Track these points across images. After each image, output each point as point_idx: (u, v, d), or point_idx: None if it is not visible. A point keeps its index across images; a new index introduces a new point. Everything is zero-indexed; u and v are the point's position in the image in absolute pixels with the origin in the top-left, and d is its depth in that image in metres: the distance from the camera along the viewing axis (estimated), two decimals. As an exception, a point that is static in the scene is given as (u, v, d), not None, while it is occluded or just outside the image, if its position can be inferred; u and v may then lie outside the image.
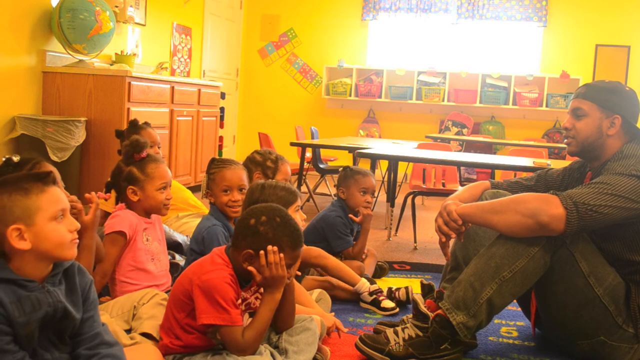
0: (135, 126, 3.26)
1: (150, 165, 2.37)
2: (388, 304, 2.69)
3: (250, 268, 1.79)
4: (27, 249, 1.42)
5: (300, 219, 2.35)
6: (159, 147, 3.34)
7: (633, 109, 2.24)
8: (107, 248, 2.25)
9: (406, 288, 2.80)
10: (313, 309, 2.29)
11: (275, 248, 1.78)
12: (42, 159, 1.83)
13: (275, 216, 1.82)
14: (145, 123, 3.39)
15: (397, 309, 2.69)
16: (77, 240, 1.51)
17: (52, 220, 1.45)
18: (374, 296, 2.71)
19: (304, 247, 2.64)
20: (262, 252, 1.78)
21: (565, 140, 2.31)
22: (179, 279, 1.88)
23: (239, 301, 1.81)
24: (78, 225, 1.51)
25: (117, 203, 2.42)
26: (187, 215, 3.40)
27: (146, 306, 2.02)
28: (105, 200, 2.38)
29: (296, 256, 1.85)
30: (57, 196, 1.48)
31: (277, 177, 2.95)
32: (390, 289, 2.82)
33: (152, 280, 2.31)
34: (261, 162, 3.04)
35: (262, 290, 1.88)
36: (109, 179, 2.42)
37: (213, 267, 1.80)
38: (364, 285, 2.75)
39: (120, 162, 2.41)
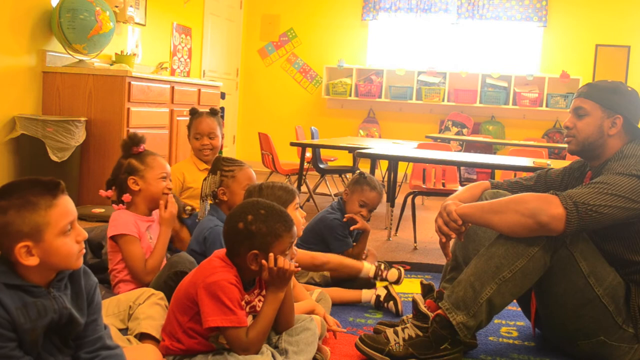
0: (192, 114, 3.42)
1: (149, 157, 2.47)
2: (392, 275, 2.78)
3: (263, 262, 1.80)
4: (35, 264, 1.39)
5: (300, 217, 2.36)
6: (210, 138, 3.35)
7: (635, 109, 2.23)
8: (130, 249, 2.32)
9: (399, 270, 2.82)
10: (310, 302, 2.29)
11: (279, 257, 1.80)
12: None
13: (258, 210, 1.82)
14: (212, 111, 3.44)
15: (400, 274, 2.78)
16: (84, 250, 1.48)
17: (60, 235, 1.40)
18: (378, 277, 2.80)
19: (308, 255, 2.70)
20: (271, 255, 1.79)
21: (566, 139, 2.31)
22: (182, 283, 1.88)
23: (243, 303, 1.81)
24: (85, 235, 1.47)
25: (118, 201, 2.45)
26: None
27: (143, 306, 2.01)
28: (108, 198, 2.43)
29: (293, 234, 1.86)
30: (66, 208, 1.42)
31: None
32: (379, 266, 2.84)
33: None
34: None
35: (265, 292, 1.89)
36: (110, 177, 2.48)
37: (217, 270, 1.80)
38: (369, 270, 2.82)
39: (120, 158, 2.49)
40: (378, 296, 2.74)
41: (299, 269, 1.92)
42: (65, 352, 1.48)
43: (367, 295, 2.77)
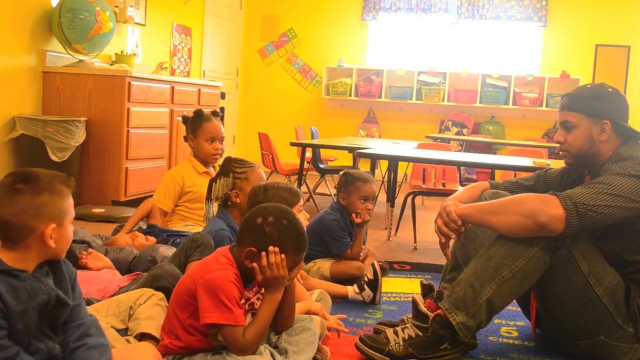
0: (200, 116, 3.32)
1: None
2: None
3: (254, 265, 1.79)
4: (54, 247, 1.47)
5: (304, 219, 2.36)
6: (220, 142, 3.34)
7: (619, 109, 2.22)
8: None
9: (372, 264, 2.83)
10: (306, 303, 2.29)
11: (277, 249, 1.79)
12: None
13: (282, 218, 1.82)
14: (215, 113, 3.39)
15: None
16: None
17: (70, 223, 1.53)
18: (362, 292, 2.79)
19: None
20: (263, 252, 1.78)
21: (561, 154, 2.30)
22: (182, 279, 1.88)
23: (242, 301, 1.80)
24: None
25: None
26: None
27: (143, 307, 2.01)
28: None
29: (298, 260, 1.85)
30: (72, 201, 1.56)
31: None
32: (361, 279, 2.87)
33: None
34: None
35: (263, 290, 1.88)
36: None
37: (218, 266, 1.79)
38: (352, 292, 2.82)
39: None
40: (366, 279, 2.76)
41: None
42: (55, 339, 1.51)
43: (352, 292, 2.77)
